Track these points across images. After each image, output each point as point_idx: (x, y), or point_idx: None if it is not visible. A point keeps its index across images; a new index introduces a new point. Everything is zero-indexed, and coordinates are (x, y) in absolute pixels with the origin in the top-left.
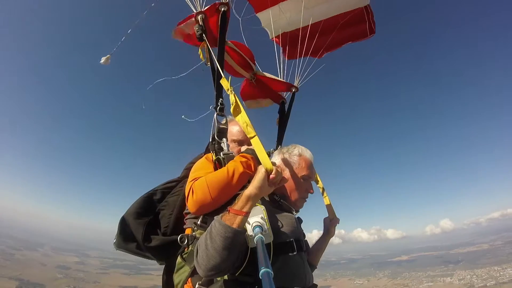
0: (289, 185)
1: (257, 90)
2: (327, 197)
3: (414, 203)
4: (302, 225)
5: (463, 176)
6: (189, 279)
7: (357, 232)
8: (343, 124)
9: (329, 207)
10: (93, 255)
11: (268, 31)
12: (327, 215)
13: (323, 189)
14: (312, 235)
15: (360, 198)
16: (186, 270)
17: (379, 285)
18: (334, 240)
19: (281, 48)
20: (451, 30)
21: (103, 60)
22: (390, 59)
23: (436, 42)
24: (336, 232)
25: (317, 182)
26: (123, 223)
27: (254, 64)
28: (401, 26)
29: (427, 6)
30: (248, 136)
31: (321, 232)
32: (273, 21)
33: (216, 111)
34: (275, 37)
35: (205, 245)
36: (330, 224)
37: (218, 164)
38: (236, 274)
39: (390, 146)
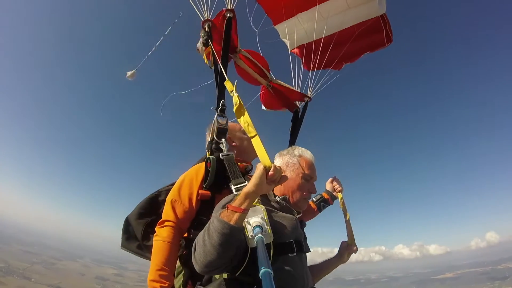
0: (290, 185)
1: (275, 99)
2: (349, 222)
3: (458, 216)
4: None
5: (508, 185)
6: (189, 282)
7: (398, 249)
8: (385, 136)
9: (349, 232)
10: (131, 268)
11: (286, 43)
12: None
13: (346, 212)
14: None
15: (400, 213)
16: (185, 273)
17: None
18: (375, 257)
19: (296, 60)
20: (458, 31)
21: (128, 74)
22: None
23: (454, 46)
24: (377, 248)
25: (344, 210)
26: (127, 223)
27: (269, 72)
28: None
29: (427, 6)
30: (249, 135)
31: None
32: (291, 33)
33: (217, 112)
34: (294, 49)
35: (203, 241)
36: (345, 249)
37: (209, 164)
38: (236, 274)
39: (430, 157)
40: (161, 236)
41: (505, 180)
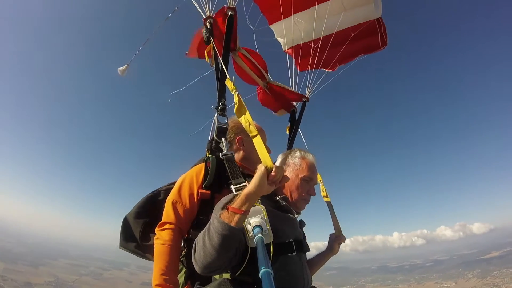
0: (290, 186)
1: (271, 99)
2: (334, 213)
3: (498, 191)
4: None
5: None
6: (188, 281)
7: (440, 230)
8: (422, 116)
9: (335, 223)
10: None
11: (281, 43)
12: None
13: (330, 203)
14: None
15: (439, 194)
16: (185, 272)
17: (467, 286)
18: (417, 241)
19: (293, 60)
20: (453, 32)
21: (120, 70)
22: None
23: (436, 46)
24: (418, 232)
25: (324, 195)
26: (125, 223)
27: (267, 72)
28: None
29: (428, 8)
30: (250, 135)
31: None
32: (286, 32)
33: (218, 111)
34: (288, 48)
35: (203, 242)
36: (334, 240)
37: (209, 163)
38: (236, 274)
39: (463, 135)
40: (163, 239)
41: None
